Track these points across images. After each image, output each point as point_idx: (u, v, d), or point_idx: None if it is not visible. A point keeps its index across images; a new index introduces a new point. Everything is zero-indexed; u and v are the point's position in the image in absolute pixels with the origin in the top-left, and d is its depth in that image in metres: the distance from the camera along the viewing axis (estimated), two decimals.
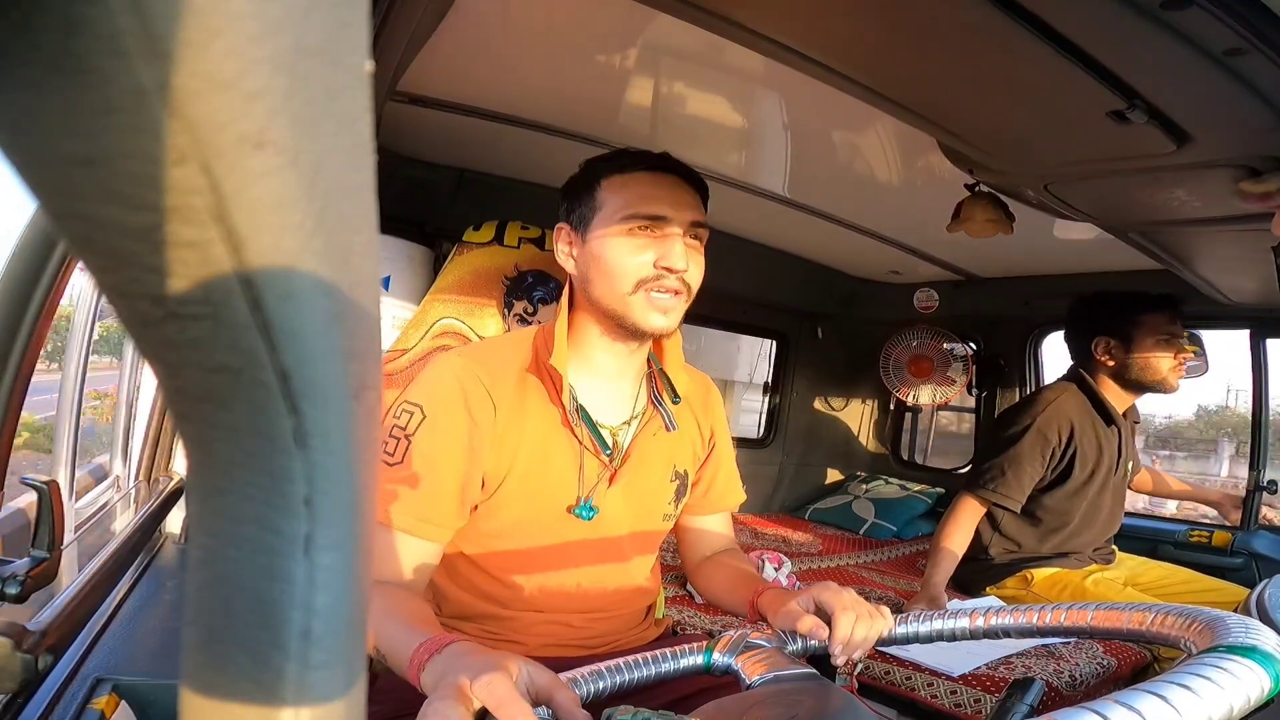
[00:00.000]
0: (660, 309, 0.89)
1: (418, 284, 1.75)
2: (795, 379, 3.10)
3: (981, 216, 1.53)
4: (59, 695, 0.63)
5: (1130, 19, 0.74)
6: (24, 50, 0.12)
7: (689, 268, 0.89)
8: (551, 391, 0.91)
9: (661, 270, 0.88)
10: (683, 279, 0.89)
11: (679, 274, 0.89)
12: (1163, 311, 1.86)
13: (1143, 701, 0.37)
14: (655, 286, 0.89)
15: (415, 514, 0.83)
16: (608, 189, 0.91)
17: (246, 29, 0.13)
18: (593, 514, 0.92)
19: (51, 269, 0.62)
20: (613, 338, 0.93)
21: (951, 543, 1.85)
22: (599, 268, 0.90)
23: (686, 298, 0.92)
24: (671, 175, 0.92)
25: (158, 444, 1.43)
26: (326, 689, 0.17)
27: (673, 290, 0.89)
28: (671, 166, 0.92)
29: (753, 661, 0.67)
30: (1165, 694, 0.38)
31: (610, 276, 0.89)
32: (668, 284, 0.89)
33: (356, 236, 0.16)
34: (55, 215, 0.14)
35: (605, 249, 0.89)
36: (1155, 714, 0.37)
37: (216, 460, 0.16)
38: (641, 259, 0.88)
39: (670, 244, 0.88)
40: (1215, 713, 0.38)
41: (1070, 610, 0.65)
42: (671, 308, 0.90)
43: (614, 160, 0.93)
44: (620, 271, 0.89)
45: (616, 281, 0.89)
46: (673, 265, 0.88)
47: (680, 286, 0.90)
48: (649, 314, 0.89)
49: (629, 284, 0.88)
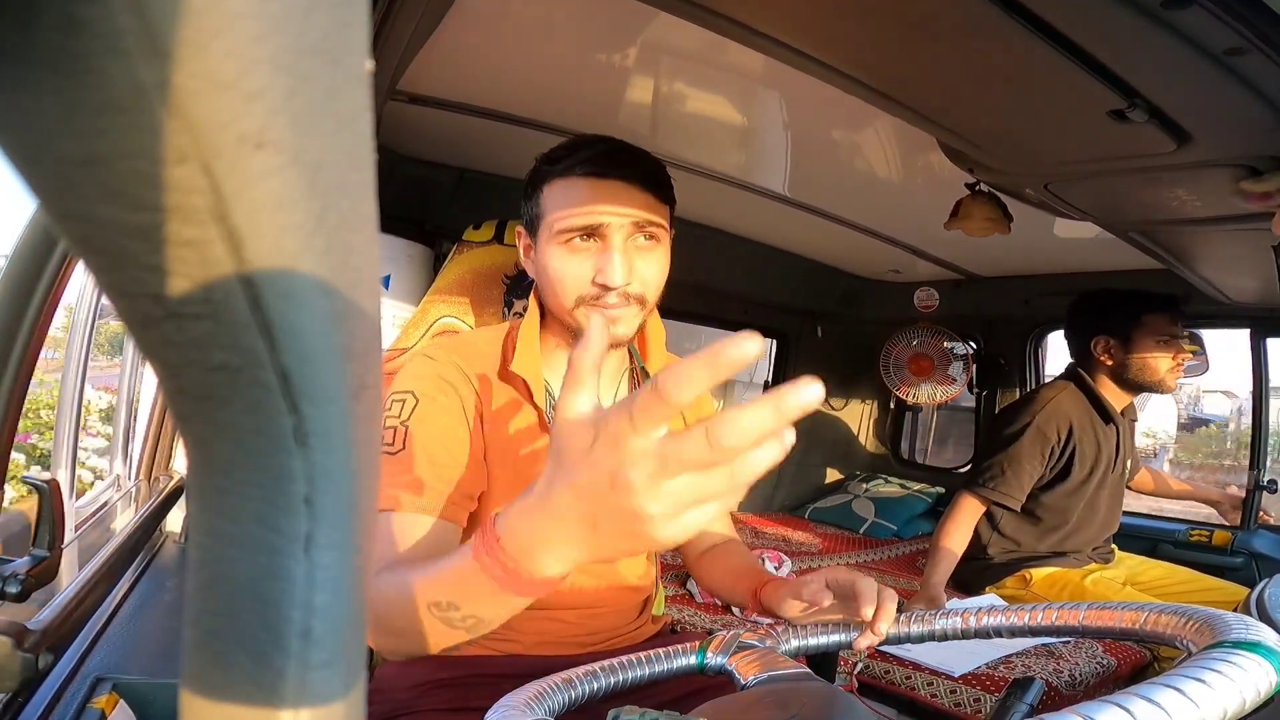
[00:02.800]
0: (606, 320, 0.84)
1: (418, 283, 1.75)
2: (795, 378, 3.10)
3: (980, 214, 1.53)
4: (59, 694, 0.64)
5: (1130, 18, 0.74)
6: (24, 50, 0.12)
7: (631, 280, 0.84)
8: (525, 394, 0.89)
9: (599, 287, 0.84)
10: (625, 293, 0.85)
11: (617, 289, 0.84)
12: (1164, 312, 1.86)
13: (1163, 695, 0.38)
14: (594, 303, 0.85)
15: (432, 494, 0.80)
16: (548, 195, 0.87)
17: (246, 29, 0.13)
18: None
19: (51, 269, 0.62)
20: (572, 344, 0.89)
21: (951, 542, 1.85)
22: (545, 279, 0.88)
23: (640, 306, 0.87)
24: (614, 179, 0.85)
25: (158, 443, 1.43)
26: (326, 688, 0.17)
27: (616, 305, 0.85)
28: (614, 167, 0.85)
29: (747, 661, 0.67)
30: (1183, 687, 0.38)
31: (553, 291, 0.86)
32: (608, 300, 0.84)
33: (356, 236, 0.16)
34: (56, 215, 0.14)
35: (547, 261, 0.86)
36: (1178, 708, 0.37)
37: (217, 459, 0.16)
38: (579, 273, 0.84)
39: (607, 257, 0.83)
40: (1230, 705, 0.38)
41: (1069, 610, 0.65)
42: (620, 318, 0.86)
43: (556, 160, 0.87)
44: (561, 288, 0.85)
45: (560, 297, 0.86)
46: (608, 282, 0.83)
47: (623, 301, 0.85)
48: None
49: (570, 300, 0.85)
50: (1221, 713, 0.38)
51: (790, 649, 0.76)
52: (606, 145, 0.87)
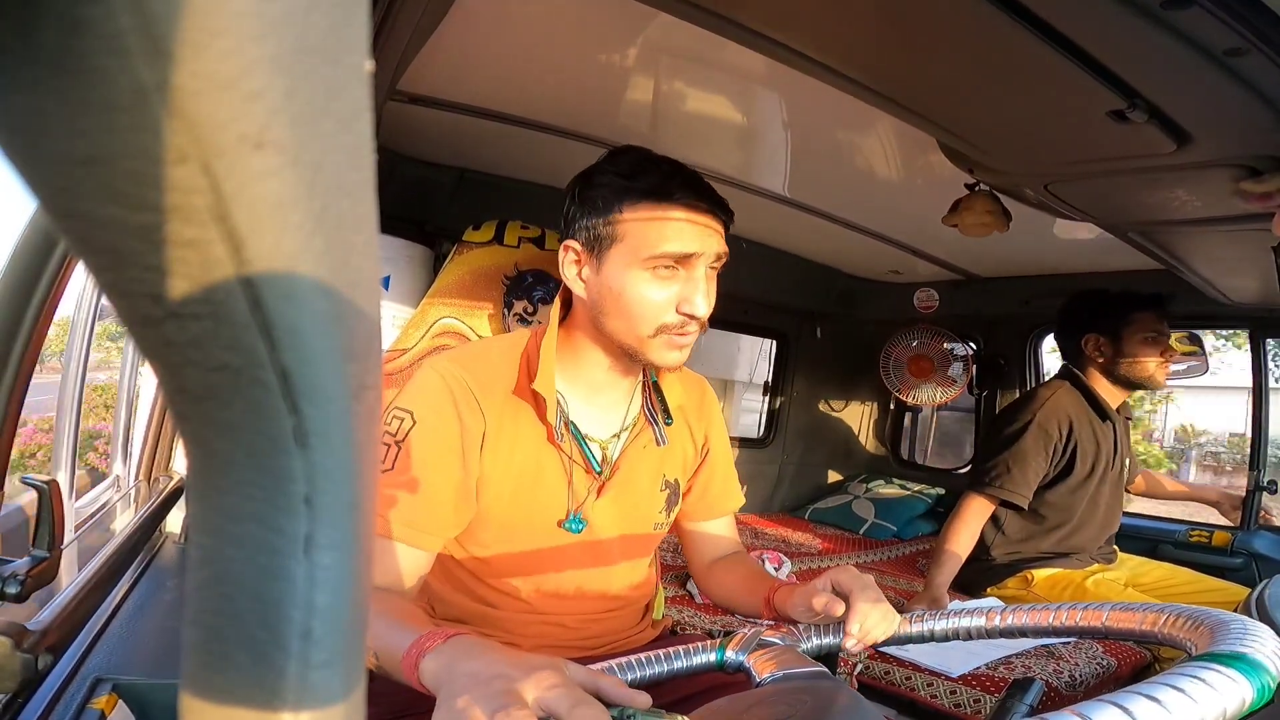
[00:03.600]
0: (678, 348, 0.87)
1: (418, 284, 1.75)
2: (795, 379, 3.10)
3: (979, 208, 1.53)
4: (59, 695, 0.64)
5: (1130, 19, 0.74)
6: (25, 50, 0.12)
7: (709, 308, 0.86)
8: (540, 409, 0.89)
9: (684, 316, 0.84)
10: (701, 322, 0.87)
11: (700, 320, 0.85)
12: (1150, 310, 1.91)
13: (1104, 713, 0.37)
14: (675, 331, 0.85)
15: (408, 521, 0.81)
16: (632, 216, 0.83)
17: (247, 28, 0.13)
18: (582, 526, 0.91)
19: (51, 269, 0.62)
20: (613, 358, 0.90)
21: (957, 544, 1.85)
22: (616, 304, 0.85)
23: (701, 330, 0.89)
24: (705, 210, 0.84)
25: (158, 443, 1.43)
26: (327, 689, 0.17)
27: (692, 335, 0.87)
28: (703, 197, 0.85)
29: (764, 659, 0.67)
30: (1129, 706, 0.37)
31: (629, 317, 0.85)
32: (690, 329, 0.86)
33: (356, 236, 0.16)
34: (56, 214, 0.14)
35: (625, 286, 0.84)
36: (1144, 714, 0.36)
37: (217, 459, 0.16)
38: (664, 299, 0.84)
39: (694, 285, 0.84)
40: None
41: (1070, 610, 0.65)
42: (687, 345, 0.88)
43: (638, 180, 0.84)
44: (641, 314, 0.84)
45: (636, 323, 0.85)
46: (695, 312, 0.84)
47: (698, 328, 0.87)
48: (666, 353, 0.86)
49: (650, 328, 0.85)
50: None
51: (810, 648, 0.75)
52: (686, 171, 0.86)
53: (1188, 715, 0.37)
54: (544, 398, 0.87)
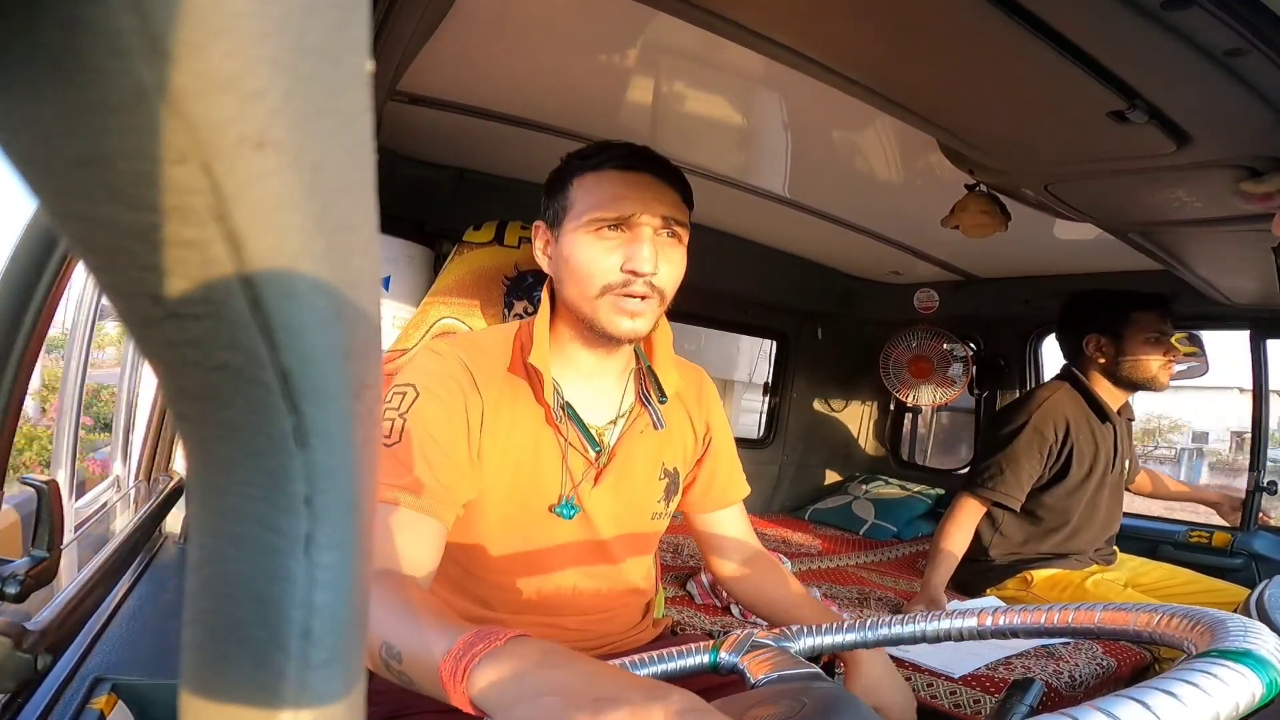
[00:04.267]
0: (627, 313, 0.86)
1: (418, 284, 1.75)
2: (795, 379, 3.10)
3: (976, 208, 1.53)
4: (58, 695, 0.64)
5: (1130, 19, 0.74)
6: (24, 50, 0.12)
7: (658, 269, 0.86)
8: (535, 389, 0.90)
9: (628, 274, 0.85)
10: (650, 283, 0.86)
11: (646, 277, 0.85)
12: (1152, 310, 1.89)
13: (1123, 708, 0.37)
14: (622, 291, 0.85)
15: (419, 488, 0.79)
16: (578, 187, 0.88)
17: (247, 29, 0.13)
18: (574, 512, 0.90)
19: (51, 269, 0.62)
20: (586, 340, 0.91)
21: (951, 544, 1.85)
22: (568, 269, 0.88)
23: (659, 301, 0.88)
24: (645, 173, 0.88)
25: (158, 443, 1.43)
26: (327, 688, 0.17)
27: (640, 295, 0.86)
28: (645, 163, 0.88)
29: (758, 661, 0.67)
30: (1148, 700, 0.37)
31: (578, 279, 0.87)
32: (635, 289, 0.85)
33: (356, 236, 0.16)
34: (55, 215, 0.14)
35: (573, 250, 0.87)
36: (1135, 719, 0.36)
37: (217, 459, 0.16)
38: (608, 262, 0.85)
39: (638, 246, 0.85)
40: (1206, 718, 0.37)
41: (1070, 610, 0.65)
42: (640, 312, 0.87)
43: (589, 156, 0.89)
44: (586, 274, 0.86)
45: (583, 285, 0.86)
46: (638, 268, 0.84)
47: (648, 291, 0.86)
48: (615, 319, 0.86)
49: (595, 288, 0.86)
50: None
51: (803, 649, 0.75)
52: (637, 147, 0.90)
53: (1204, 709, 0.37)
54: (540, 374, 0.87)
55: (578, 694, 0.42)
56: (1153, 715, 0.37)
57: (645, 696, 0.41)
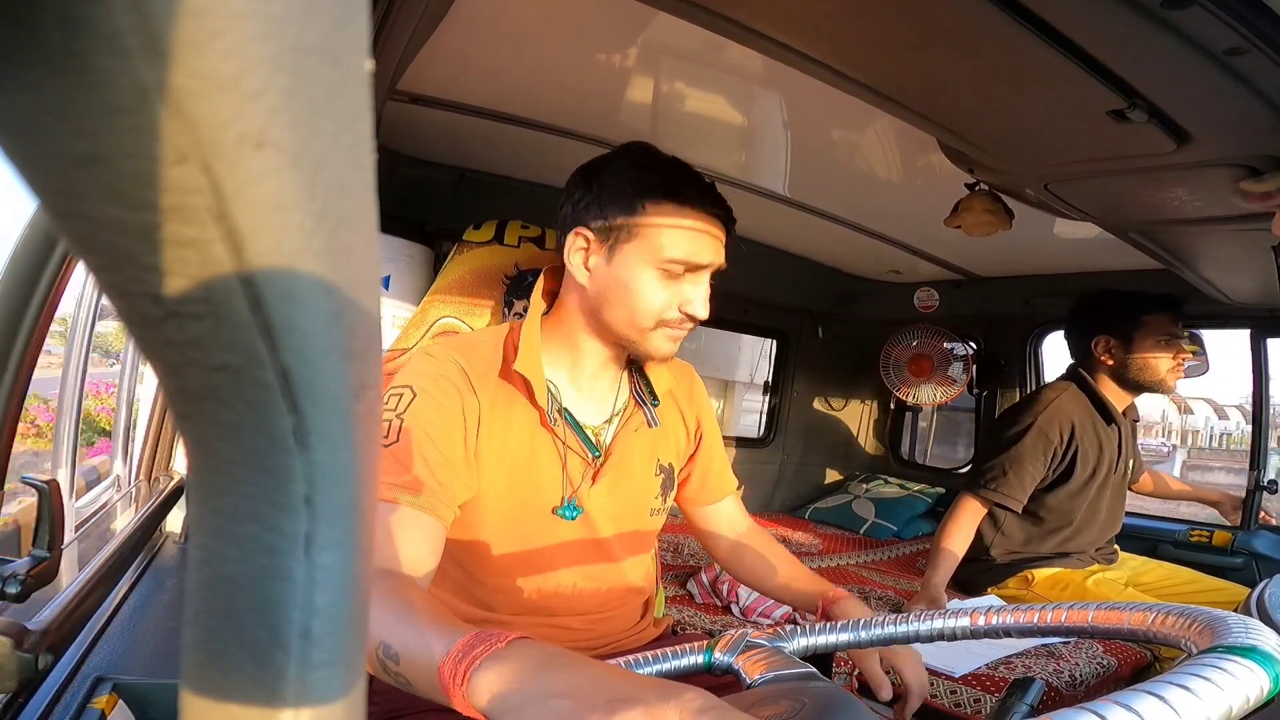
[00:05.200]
0: (674, 340, 0.91)
1: (418, 283, 1.75)
2: (795, 379, 3.10)
3: (979, 207, 1.53)
4: (59, 694, 0.64)
5: (1130, 18, 0.74)
6: (25, 50, 0.12)
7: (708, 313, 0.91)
8: (526, 394, 0.90)
9: (685, 315, 0.89)
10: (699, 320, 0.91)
11: (699, 320, 0.90)
12: (1165, 312, 1.87)
13: (1141, 702, 0.37)
14: (674, 326, 0.90)
15: (418, 486, 0.79)
16: (654, 216, 0.86)
17: (247, 28, 0.13)
18: (577, 514, 0.91)
19: (51, 269, 0.62)
20: (605, 345, 0.93)
21: (952, 543, 1.85)
22: (620, 295, 0.88)
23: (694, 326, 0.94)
24: (717, 217, 0.89)
25: (158, 443, 1.43)
26: (327, 688, 0.17)
27: (689, 329, 0.92)
28: (717, 204, 0.89)
29: (753, 661, 0.67)
30: (1164, 694, 0.38)
31: (632, 310, 0.88)
32: (687, 326, 0.91)
33: (356, 236, 0.16)
34: (56, 215, 0.14)
35: (634, 279, 0.87)
36: (1154, 714, 0.37)
37: (217, 459, 0.16)
38: (669, 297, 0.88)
39: (699, 291, 0.89)
40: (1214, 713, 0.38)
41: (1070, 610, 0.65)
42: (681, 338, 0.92)
43: (665, 182, 0.87)
44: (646, 309, 0.88)
45: (639, 316, 0.88)
46: (698, 315, 0.89)
47: (695, 325, 0.92)
48: (663, 345, 0.91)
49: (650, 321, 0.89)
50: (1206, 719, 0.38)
51: (797, 648, 0.75)
52: (704, 180, 0.90)
53: (1218, 702, 0.38)
54: (528, 380, 0.88)
55: (589, 695, 0.42)
56: (1170, 710, 0.37)
57: (659, 696, 0.41)
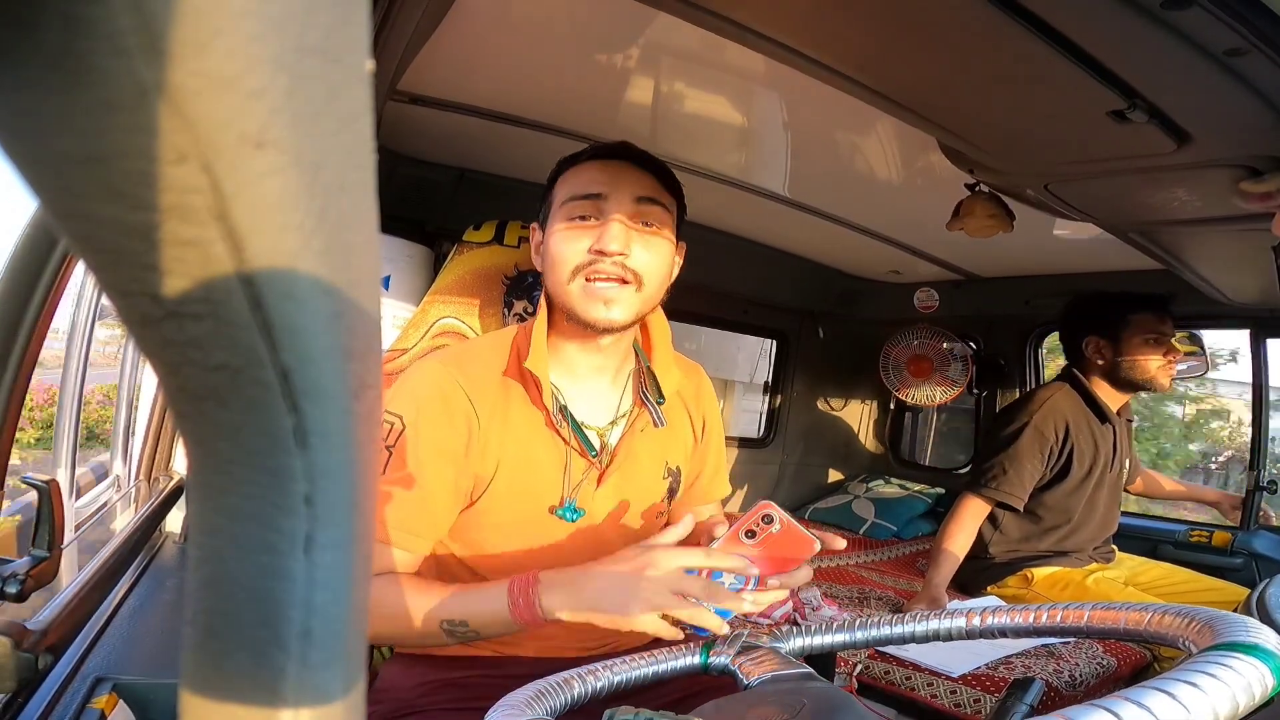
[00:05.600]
0: (601, 299, 0.83)
1: (418, 284, 1.75)
2: (795, 379, 3.10)
3: (982, 211, 1.53)
4: (59, 694, 0.64)
5: (1130, 19, 0.74)
6: (25, 49, 0.12)
7: (630, 251, 0.83)
8: (533, 394, 0.89)
9: (594, 254, 0.83)
10: (623, 264, 0.83)
11: (614, 257, 0.83)
12: (1150, 311, 1.89)
13: (1152, 698, 0.38)
14: (591, 273, 0.83)
15: (397, 525, 0.82)
16: (560, 182, 0.90)
17: (247, 28, 0.13)
18: (577, 515, 0.90)
19: (51, 269, 0.62)
20: (575, 334, 0.90)
21: (954, 543, 1.85)
22: (547, 259, 0.89)
23: (636, 287, 0.85)
24: (620, 161, 0.88)
25: (158, 443, 1.43)
26: (326, 688, 0.17)
27: (615, 278, 0.83)
28: (621, 152, 0.90)
29: (750, 662, 0.67)
30: (1174, 691, 0.38)
31: (553, 267, 0.87)
32: (602, 268, 0.83)
33: (357, 236, 0.16)
34: (56, 214, 0.14)
35: (550, 239, 0.88)
36: (1165, 711, 0.37)
37: (217, 459, 0.16)
38: (578, 245, 0.84)
39: (606, 227, 0.83)
40: (1222, 709, 0.38)
41: (1070, 610, 0.65)
42: (614, 298, 0.84)
43: (575, 156, 0.92)
44: (560, 260, 0.85)
45: (558, 271, 0.86)
46: (604, 247, 0.82)
47: (620, 273, 0.83)
48: (589, 305, 0.84)
49: (566, 272, 0.85)
50: (1213, 716, 0.38)
51: (794, 649, 0.76)
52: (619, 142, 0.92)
53: (1224, 698, 0.39)
54: (536, 379, 0.87)
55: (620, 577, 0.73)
56: (1180, 705, 0.38)
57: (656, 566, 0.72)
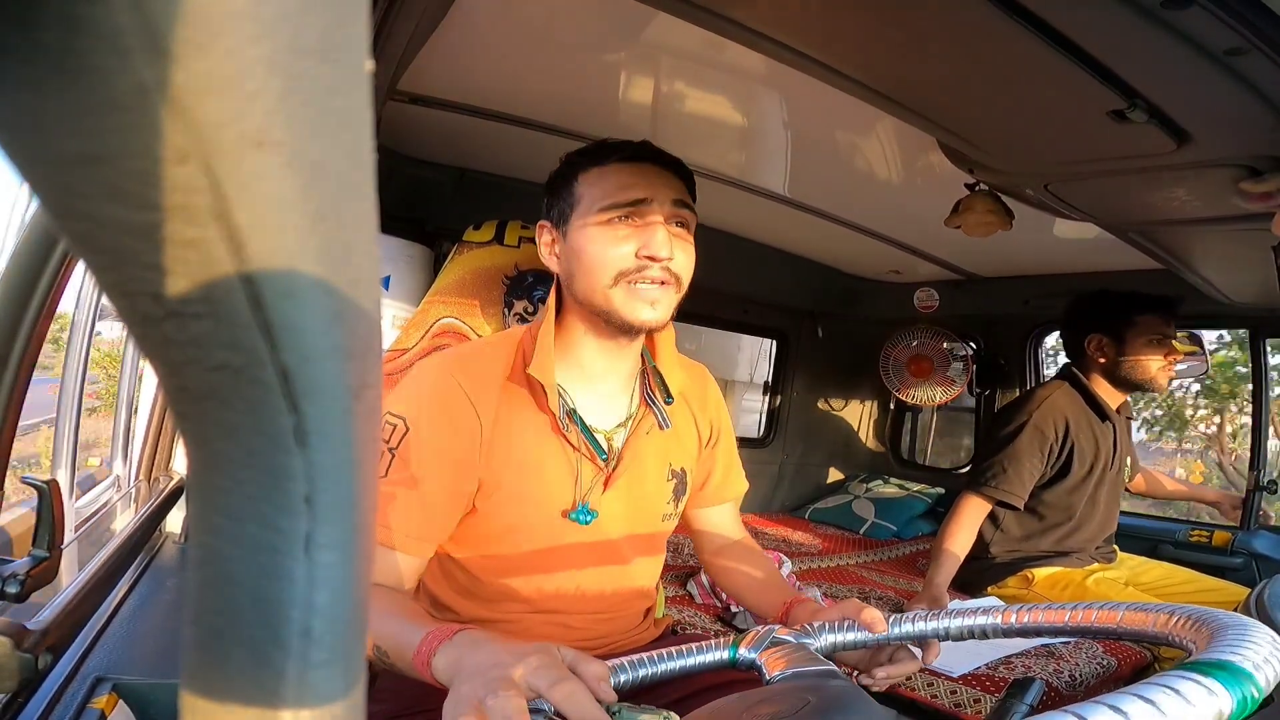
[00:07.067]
0: (647, 300, 0.85)
1: (418, 283, 1.75)
2: (795, 379, 3.10)
3: (980, 208, 1.53)
4: (59, 694, 0.64)
5: (1130, 18, 0.74)
6: (26, 49, 0.12)
7: (674, 255, 0.85)
8: (539, 398, 0.89)
9: (644, 260, 0.84)
10: (668, 268, 0.85)
11: (663, 262, 0.84)
12: (1157, 313, 1.90)
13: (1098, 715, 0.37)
14: (638, 278, 0.84)
15: (400, 529, 0.82)
16: (585, 182, 0.88)
17: (247, 28, 0.13)
18: (591, 518, 0.90)
19: (51, 269, 0.62)
20: (600, 335, 0.89)
21: (954, 543, 1.85)
22: (580, 263, 0.87)
23: (676, 289, 0.87)
24: (650, 164, 0.88)
25: (158, 443, 1.43)
26: (326, 688, 0.17)
27: (658, 280, 0.85)
28: (649, 154, 0.89)
29: (776, 657, 0.67)
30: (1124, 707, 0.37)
31: (590, 271, 0.86)
32: (651, 274, 0.84)
33: (357, 235, 0.16)
34: (56, 214, 0.14)
35: (585, 242, 0.86)
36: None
37: (217, 459, 0.16)
38: (622, 250, 0.84)
39: (652, 231, 0.84)
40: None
41: (1070, 610, 0.65)
42: (659, 299, 0.85)
43: (591, 153, 0.90)
44: (600, 264, 0.85)
45: (596, 275, 0.85)
46: (655, 253, 0.83)
47: (666, 276, 0.85)
48: (635, 306, 0.85)
49: (608, 276, 0.85)
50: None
51: (823, 646, 0.76)
52: (639, 142, 0.91)
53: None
54: (542, 385, 0.87)
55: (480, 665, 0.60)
56: None
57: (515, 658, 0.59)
